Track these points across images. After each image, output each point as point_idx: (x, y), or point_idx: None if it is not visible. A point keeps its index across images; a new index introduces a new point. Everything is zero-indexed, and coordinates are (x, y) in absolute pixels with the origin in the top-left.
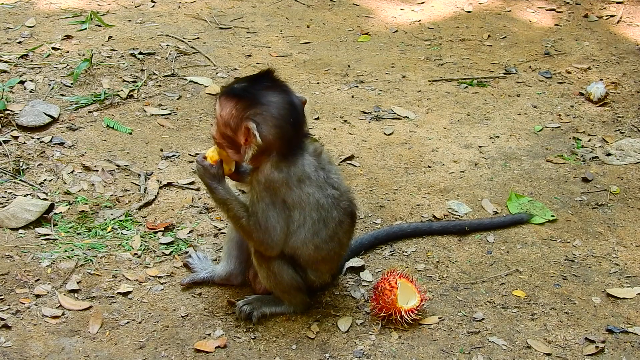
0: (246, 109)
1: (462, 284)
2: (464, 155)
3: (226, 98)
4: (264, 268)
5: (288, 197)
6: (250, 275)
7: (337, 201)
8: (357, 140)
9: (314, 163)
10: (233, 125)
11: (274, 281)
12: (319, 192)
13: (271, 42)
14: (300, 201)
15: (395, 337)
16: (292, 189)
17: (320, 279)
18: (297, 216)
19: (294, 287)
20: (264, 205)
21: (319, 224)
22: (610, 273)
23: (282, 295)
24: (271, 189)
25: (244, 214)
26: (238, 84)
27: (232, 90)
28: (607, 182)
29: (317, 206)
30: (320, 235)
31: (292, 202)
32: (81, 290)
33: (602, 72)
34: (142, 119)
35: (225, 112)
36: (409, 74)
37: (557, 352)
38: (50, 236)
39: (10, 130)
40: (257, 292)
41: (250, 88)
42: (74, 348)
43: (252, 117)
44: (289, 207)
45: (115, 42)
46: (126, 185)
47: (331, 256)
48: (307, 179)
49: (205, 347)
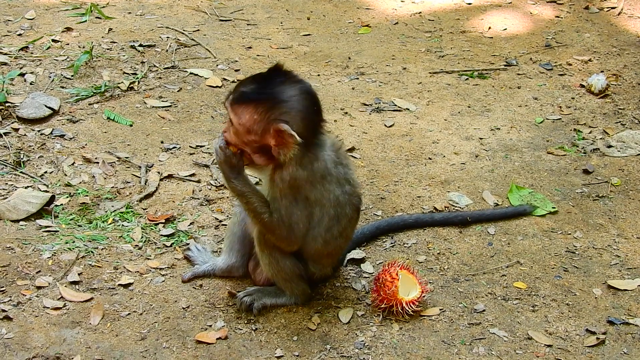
0: (270, 111)
1: (463, 276)
2: (464, 147)
3: (242, 104)
4: (266, 254)
5: (311, 194)
6: (251, 267)
7: (351, 197)
8: (358, 132)
9: (334, 158)
10: (259, 130)
11: (276, 268)
12: (338, 188)
13: (271, 34)
14: (322, 198)
15: (396, 329)
16: (315, 186)
17: (321, 272)
18: (318, 213)
19: (295, 275)
20: (287, 203)
21: (333, 220)
22: (611, 265)
23: (283, 285)
24: (295, 186)
25: (266, 210)
26: (247, 87)
27: (245, 95)
28: (608, 174)
29: (336, 203)
30: (332, 231)
31: (314, 199)
32: (82, 282)
33: (603, 64)
34: (142, 111)
35: (246, 119)
36: (409, 66)
37: (558, 343)
38: (51, 228)
39: (10, 123)
40: (258, 284)
41: (264, 88)
42: (75, 339)
43: (280, 118)
44: (311, 203)
45: (116, 34)
46: (127, 177)
47: (336, 251)
48: (328, 175)
49: (207, 338)
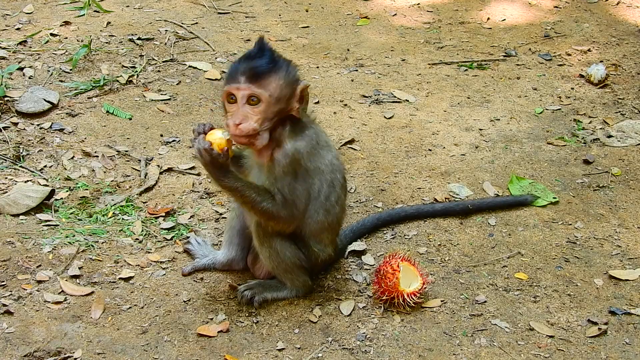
0: (288, 75)
1: (464, 267)
2: (464, 138)
3: (266, 77)
4: (265, 247)
5: (310, 164)
6: (249, 261)
7: (339, 162)
8: (358, 124)
9: (315, 125)
10: (286, 95)
11: (277, 260)
12: (329, 153)
13: (270, 27)
14: (320, 165)
15: (398, 320)
16: (313, 155)
17: (324, 253)
18: (317, 183)
19: (296, 266)
20: (290, 179)
21: (330, 187)
22: (612, 255)
23: (284, 276)
24: (297, 159)
25: (264, 197)
26: (254, 62)
27: (263, 67)
28: (608, 164)
29: (330, 168)
30: (331, 199)
31: (312, 169)
32: (83, 276)
33: (602, 54)
34: (141, 105)
35: (274, 88)
36: (408, 58)
37: (560, 334)
38: (51, 222)
39: (9, 117)
40: (258, 278)
41: (270, 58)
42: (77, 333)
43: (298, 78)
44: (311, 174)
45: (114, 28)
46: (127, 170)
47: (335, 223)
48: (319, 141)
49: (208, 331)
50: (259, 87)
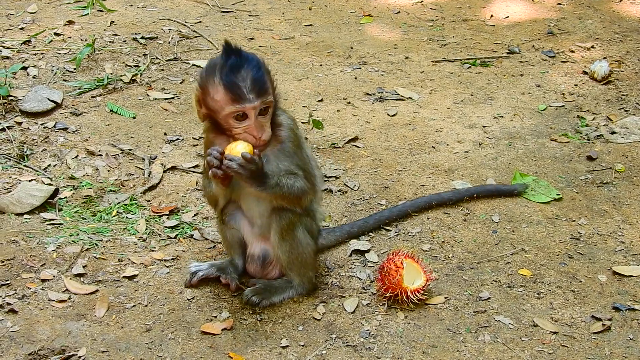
0: (267, 68)
1: (468, 264)
2: (468, 135)
3: (265, 84)
4: (288, 241)
5: (299, 132)
6: (253, 268)
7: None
8: (361, 122)
9: None
10: (274, 95)
11: (296, 252)
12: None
13: (273, 25)
14: (302, 134)
15: (402, 317)
16: (297, 127)
17: (321, 220)
18: (308, 149)
19: (311, 256)
20: (300, 153)
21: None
22: (616, 251)
23: (298, 271)
24: (293, 131)
25: (294, 179)
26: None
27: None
28: (611, 160)
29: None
30: (316, 160)
31: (301, 137)
32: (87, 274)
33: (606, 51)
34: (145, 103)
35: (272, 89)
36: (411, 55)
37: (564, 330)
38: (56, 221)
39: (13, 116)
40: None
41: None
42: (81, 332)
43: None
44: (302, 143)
45: (118, 27)
46: (130, 169)
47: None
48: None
49: (212, 329)
50: (267, 97)
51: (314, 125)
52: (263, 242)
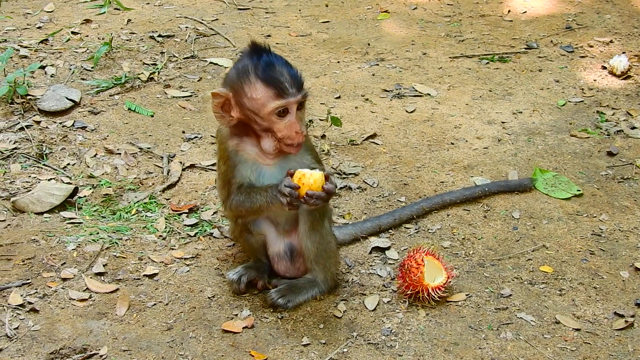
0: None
1: (489, 261)
2: (487, 132)
3: (302, 79)
4: (317, 232)
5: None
6: (282, 267)
7: None
8: (379, 119)
9: None
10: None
11: (325, 242)
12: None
13: (290, 22)
14: None
15: (423, 315)
16: None
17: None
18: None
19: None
20: (313, 147)
21: None
22: (638, 247)
23: (324, 264)
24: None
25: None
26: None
27: (294, 70)
28: (632, 156)
29: None
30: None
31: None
32: (107, 273)
33: (625, 45)
34: (163, 102)
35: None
36: (429, 51)
37: (586, 327)
38: (75, 220)
39: (32, 115)
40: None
41: (282, 57)
42: (102, 330)
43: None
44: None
45: (134, 25)
46: (149, 167)
47: None
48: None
49: (233, 327)
50: (305, 90)
51: (333, 122)
52: (287, 237)
